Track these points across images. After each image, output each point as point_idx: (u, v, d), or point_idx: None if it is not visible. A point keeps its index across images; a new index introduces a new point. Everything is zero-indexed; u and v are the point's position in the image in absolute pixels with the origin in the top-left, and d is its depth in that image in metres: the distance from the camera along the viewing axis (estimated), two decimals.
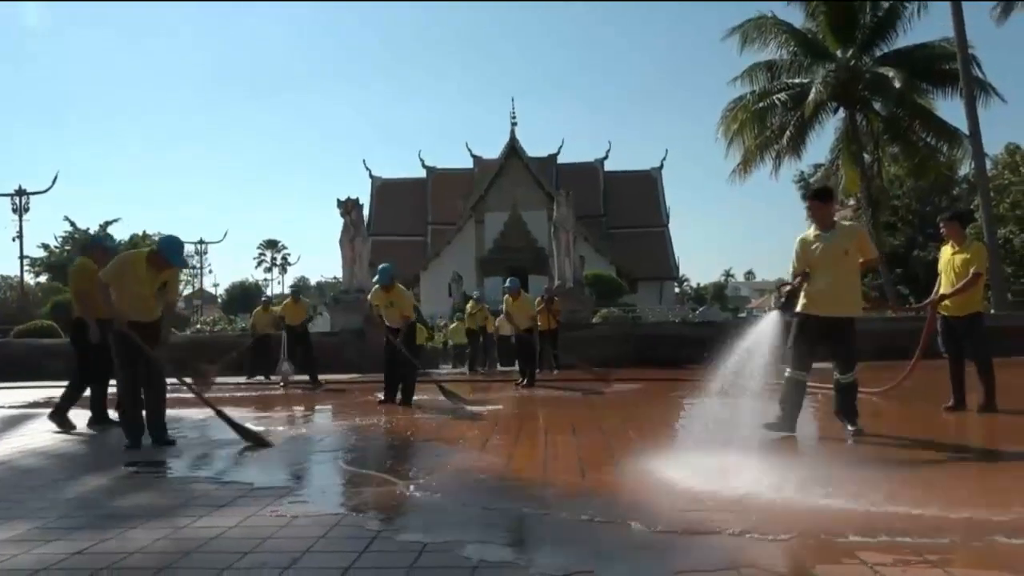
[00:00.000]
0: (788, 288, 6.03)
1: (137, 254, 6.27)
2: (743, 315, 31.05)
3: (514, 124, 43.29)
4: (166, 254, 6.07)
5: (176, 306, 6.53)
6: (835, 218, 5.91)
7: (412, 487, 4.29)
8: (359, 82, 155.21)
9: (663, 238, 45.92)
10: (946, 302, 6.88)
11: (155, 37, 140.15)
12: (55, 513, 3.89)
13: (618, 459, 5.11)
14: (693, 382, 9.49)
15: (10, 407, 9.53)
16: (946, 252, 7.05)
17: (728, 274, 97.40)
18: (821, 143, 37.59)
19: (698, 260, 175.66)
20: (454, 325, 20.14)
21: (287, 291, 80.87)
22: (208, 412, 6.48)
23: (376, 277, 9.21)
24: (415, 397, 8.96)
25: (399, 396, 8.89)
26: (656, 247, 44.79)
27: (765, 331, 5.58)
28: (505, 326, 19.38)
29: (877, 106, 24.10)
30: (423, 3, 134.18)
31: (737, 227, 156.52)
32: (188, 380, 6.61)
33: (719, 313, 34.73)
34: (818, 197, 5.89)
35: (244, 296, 67.59)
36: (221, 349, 14.21)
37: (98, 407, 7.25)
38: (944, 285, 6.96)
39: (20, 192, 35.69)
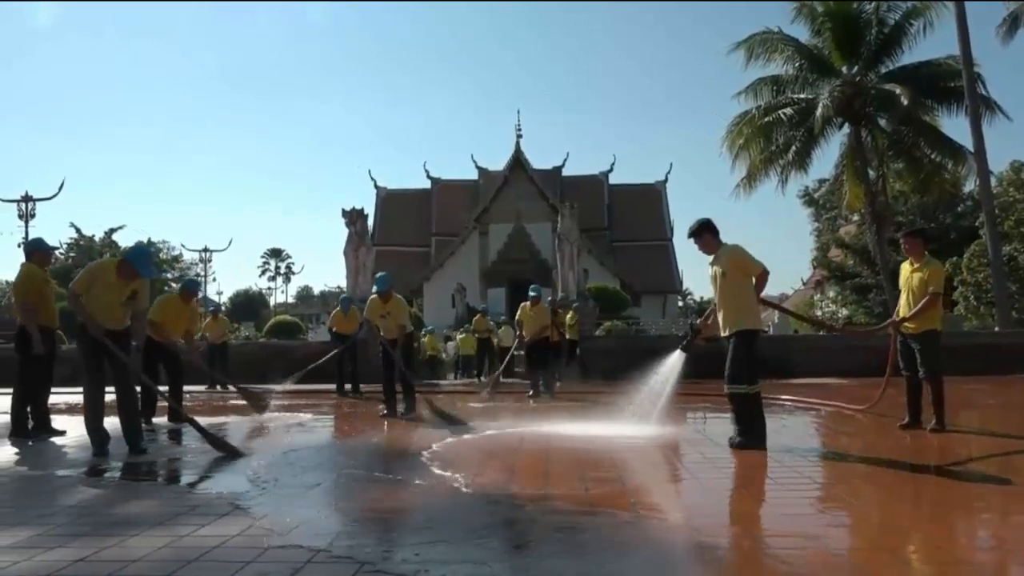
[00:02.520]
0: (699, 322, 6.54)
1: (107, 263, 6.31)
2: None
3: (519, 136, 43.54)
4: (134, 264, 6.07)
5: (146, 315, 6.50)
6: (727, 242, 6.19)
7: (408, 505, 4.29)
8: (365, 92, 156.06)
9: (667, 251, 45.94)
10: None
11: (162, 44, 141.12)
12: (56, 520, 3.89)
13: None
14: (689, 396, 9.54)
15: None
16: (905, 268, 7.05)
17: None
18: (826, 158, 37.63)
19: (702, 274, 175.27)
20: (462, 336, 20.19)
21: (291, 300, 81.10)
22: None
23: (374, 287, 9.15)
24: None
25: (401, 408, 8.88)
26: (660, 260, 44.82)
27: (666, 370, 6.20)
28: (507, 338, 19.47)
29: (882, 122, 24.10)
30: (430, 15, 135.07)
31: (741, 241, 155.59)
32: (162, 388, 6.68)
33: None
34: (691, 235, 6.24)
35: (248, 304, 67.76)
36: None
37: (21, 419, 7.24)
38: (903, 302, 6.98)
39: (27, 198, 35.87)
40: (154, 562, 3.11)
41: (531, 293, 12.03)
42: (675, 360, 6.28)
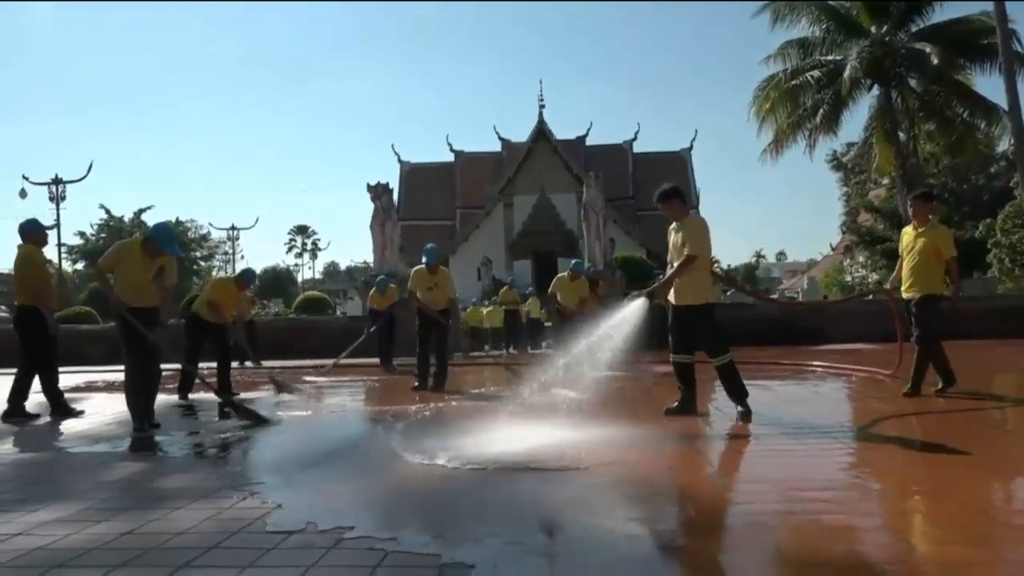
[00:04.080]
0: (661, 276, 6.31)
1: (133, 241, 6.43)
2: (775, 296, 30.70)
3: (542, 107, 43.20)
4: (159, 241, 6.19)
5: (173, 291, 6.61)
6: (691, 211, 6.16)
7: (433, 484, 4.34)
8: (386, 66, 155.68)
9: None
10: (905, 284, 6.79)
11: (184, 23, 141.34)
12: (101, 495, 3.98)
13: None
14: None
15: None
16: (908, 232, 6.90)
17: (759, 255, 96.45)
18: (854, 121, 36.99)
19: (729, 241, 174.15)
20: (489, 309, 20.26)
21: (318, 276, 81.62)
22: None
23: (424, 258, 9.10)
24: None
25: (431, 381, 8.92)
26: None
27: (627, 316, 5.90)
28: (535, 310, 19.49)
29: (913, 83, 23.59)
30: None
31: (768, 207, 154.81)
32: (191, 366, 6.83)
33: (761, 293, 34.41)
34: (658, 199, 6.10)
35: (276, 281, 68.37)
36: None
37: (56, 397, 7.28)
38: (905, 267, 6.83)
39: (57, 181, 36.32)
40: (198, 534, 3.17)
41: (574, 266, 12.01)
42: (634, 309, 5.91)
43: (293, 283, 74.28)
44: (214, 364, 8.77)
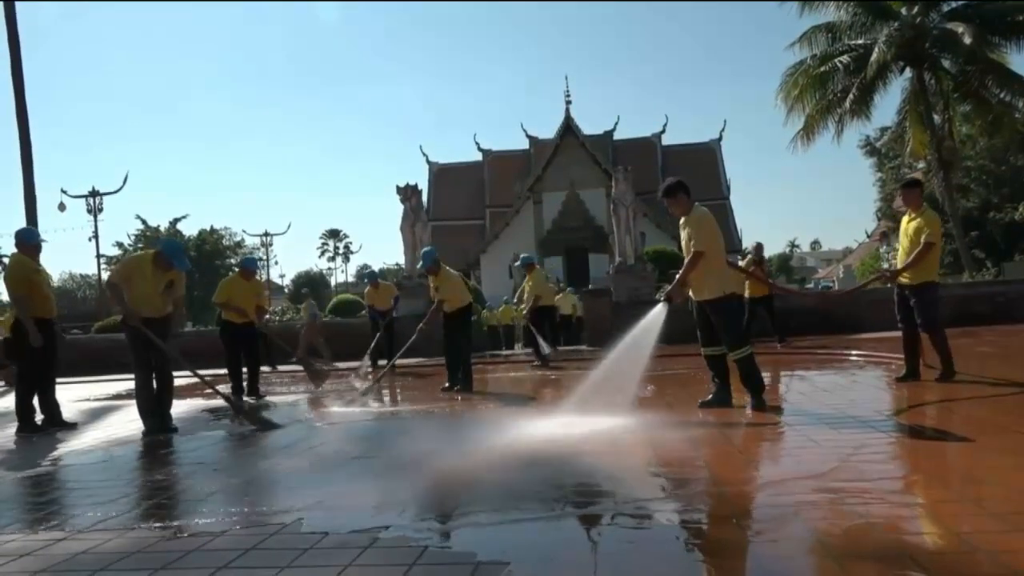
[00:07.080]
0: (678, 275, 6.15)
1: (144, 255, 6.69)
2: (810, 285, 30.30)
3: (568, 103, 42.97)
4: (168, 256, 6.42)
5: (183, 303, 6.78)
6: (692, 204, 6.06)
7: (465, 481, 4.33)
8: (413, 68, 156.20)
9: (724, 210, 45.00)
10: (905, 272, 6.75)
11: (212, 33, 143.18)
12: (141, 499, 4.05)
13: None
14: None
15: (95, 400, 9.93)
16: (904, 221, 6.94)
17: (793, 244, 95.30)
18: (887, 105, 36.42)
19: (761, 231, 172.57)
20: (522, 307, 20.24)
21: (351, 279, 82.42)
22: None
23: (419, 264, 9.10)
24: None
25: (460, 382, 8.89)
26: (717, 220, 43.76)
27: (649, 322, 5.82)
28: (566, 303, 19.46)
29: (946, 64, 23.14)
30: None
31: (801, 196, 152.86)
32: (200, 372, 7.03)
33: (785, 284, 34.11)
34: (663, 194, 6.08)
35: (310, 285, 69.09)
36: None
37: (28, 413, 7.06)
38: (901, 254, 6.88)
39: (94, 193, 36.98)
40: (237, 536, 3.20)
41: (517, 264, 11.94)
42: (656, 315, 5.82)
43: (327, 287, 74.94)
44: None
